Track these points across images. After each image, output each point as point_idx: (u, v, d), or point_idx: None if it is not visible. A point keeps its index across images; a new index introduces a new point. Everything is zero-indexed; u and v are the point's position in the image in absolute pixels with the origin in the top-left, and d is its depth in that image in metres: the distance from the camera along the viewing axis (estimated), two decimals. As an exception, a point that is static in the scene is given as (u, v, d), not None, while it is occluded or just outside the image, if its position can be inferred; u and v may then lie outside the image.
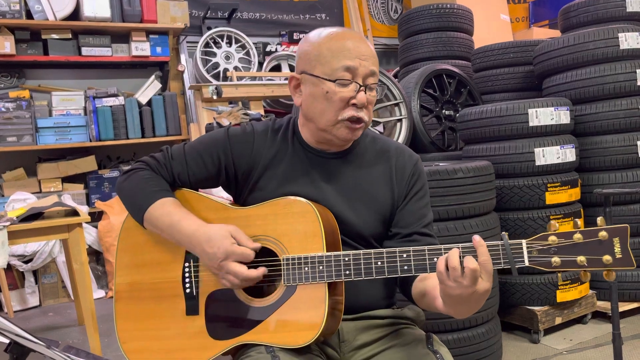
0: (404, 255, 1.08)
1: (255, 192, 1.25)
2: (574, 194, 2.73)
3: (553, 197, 2.64)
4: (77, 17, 4.15)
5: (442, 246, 1.06)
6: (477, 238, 1.02)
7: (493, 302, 2.37)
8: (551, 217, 2.63)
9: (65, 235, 2.62)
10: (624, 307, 2.80)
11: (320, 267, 1.10)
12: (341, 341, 1.23)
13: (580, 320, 2.82)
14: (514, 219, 2.66)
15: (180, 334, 1.18)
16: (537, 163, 2.63)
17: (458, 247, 1.03)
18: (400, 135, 3.19)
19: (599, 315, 2.87)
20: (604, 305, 2.83)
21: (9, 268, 3.71)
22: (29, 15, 4.01)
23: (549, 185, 2.64)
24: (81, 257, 2.65)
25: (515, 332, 2.75)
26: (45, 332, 3.26)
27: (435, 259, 1.06)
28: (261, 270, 1.12)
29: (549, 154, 2.65)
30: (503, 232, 1.05)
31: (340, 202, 1.23)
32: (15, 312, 3.66)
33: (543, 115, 2.65)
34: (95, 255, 4.04)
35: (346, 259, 1.10)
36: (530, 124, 2.65)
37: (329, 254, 1.11)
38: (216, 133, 1.29)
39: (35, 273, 3.82)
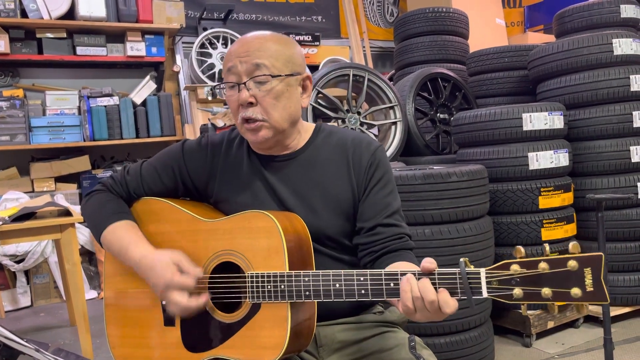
0: (361, 279, 1.03)
1: (220, 203, 1.27)
2: (567, 198, 2.74)
3: (546, 201, 2.65)
4: (72, 16, 4.14)
5: (399, 270, 1.01)
6: (430, 267, 0.97)
7: (486, 305, 2.38)
8: (544, 222, 2.64)
9: (58, 235, 2.60)
10: (615, 311, 2.81)
11: (282, 286, 1.07)
12: (319, 346, 1.22)
13: (572, 324, 2.83)
14: (507, 222, 2.67)
15: (161, 344, 1.20)
16: (531, 167, 2.64)
17: (415, 274, 0.99)
18: (395, 138, 3.20)
19: (590, 319, 2.88)
20: (595, 309, 2.84)
21: (1, 268, 3.69)
22: (24, 14, 4.00)
23: (542, 189, 2.64)
24: (73, 257, 2.64)
25: (507, 335, 2.76)
26: (36, 332, 3.24)
27: (391, 284, 1.01)
28: (202, 299, 1.11)
29: (543, 159, 2.66)
30: (462, 259, 0.96)
31: (300, 206, 1.21)
32: (6, 312, 3.64)
33: (537, 119, 2.66)
34: (88, 256, 4.02)
35: (306, 279, 1.06)
36: (524, 129, 2.66)
37: (290, 272, 1.07)
38: (173, 148, 1.31)
39: (27, 273, 3.80)
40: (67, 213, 2.70)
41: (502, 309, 2.73)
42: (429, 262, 0.98)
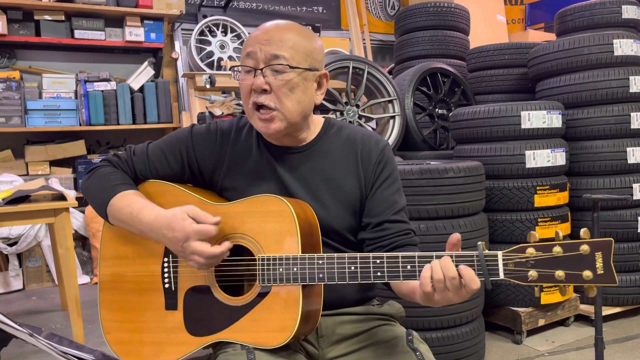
0: (378, 261, 1.04)
1: (226, 191, 1.26)
2: (562, 197, 2.75)
3: (542, 200, 2.66)
4: (71, -1, 4.10)
5: (417, 254, 1.03)
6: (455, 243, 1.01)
7: (478, 301, 2.38)
8: (539, 220, 2.65)
9: (52, 219, 2.59)
10: (606, 311, 2.83)
11: (295, 269, 1.07)
12: (319, 336, 1.23)
13: (563, 322, 2.85)
14: (502, 220, 2.68)
15: (160, 327, 1.18)
16: (528, 165, 2.65)
17: (433, 256, 1.01)
18: (393, 132, 3.19)
19: (581, 318, 2.90)
20: (586, 308, 2.86)
21: (-7, 250, 3.68)
22: (22, -5, 3.96)
23: (538, 188, 2.65)
24: (67, 242, 2.63)
25: (498, 332, 2.77)
26: (27, 316, 3.24)
27: (408, 267, 1.03)
28: (225, 245, 1.09)
29: (540, 157, 2.66)
30: (479, 242, 1.00)
31: (308, 198, 1.21)
32: (-2, 294, 3.63)
33: (535, 118, 2.66)
34: (81, 241, 4.01)
35: (320, 261, 1.07)
36: (522, 127, 2.66)
37: (303, 255, 1.08)
38: (181, 131, 1.30)
39: (19, 256, 3.79)
40: (61, 197, 2.68)
41: (494, 306, 2.74)
42: (453, 235, 1.01)
